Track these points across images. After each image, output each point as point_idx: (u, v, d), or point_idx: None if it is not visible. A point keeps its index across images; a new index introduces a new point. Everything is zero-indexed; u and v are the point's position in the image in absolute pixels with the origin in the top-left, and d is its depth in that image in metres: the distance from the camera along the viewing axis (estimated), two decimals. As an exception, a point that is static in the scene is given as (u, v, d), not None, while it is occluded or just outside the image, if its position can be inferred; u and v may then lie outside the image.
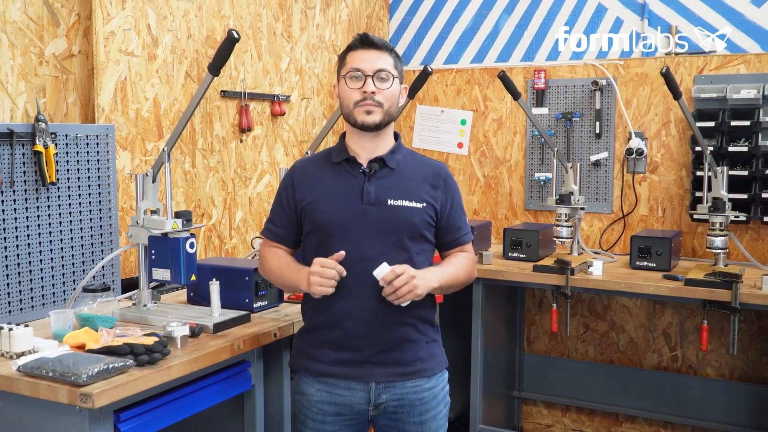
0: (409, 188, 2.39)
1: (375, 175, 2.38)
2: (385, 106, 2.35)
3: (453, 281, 2.41)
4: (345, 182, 2.38)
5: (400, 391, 2.37)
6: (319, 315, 2.38)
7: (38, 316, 2.76)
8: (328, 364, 2.36)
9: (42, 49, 2.92)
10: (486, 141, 4.76)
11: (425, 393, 2.40)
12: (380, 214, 2.33)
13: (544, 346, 4.72)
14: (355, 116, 2.36)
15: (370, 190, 2.35)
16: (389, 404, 2.36)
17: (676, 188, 4.28)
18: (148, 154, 3.29)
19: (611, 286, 3.65)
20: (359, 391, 2.35)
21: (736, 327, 3.41)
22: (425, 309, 2.42)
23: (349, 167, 2.40)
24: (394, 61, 2.39)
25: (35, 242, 2.78)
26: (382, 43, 2.38)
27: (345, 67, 2.38)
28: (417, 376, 2.39)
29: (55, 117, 2.98)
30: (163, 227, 2.62)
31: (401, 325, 2.35)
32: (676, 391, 4.33)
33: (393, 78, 2.36)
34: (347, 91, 2.36)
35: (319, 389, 2.38)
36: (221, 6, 3.66)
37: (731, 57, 4.10)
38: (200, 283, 2.79)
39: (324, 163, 2.46)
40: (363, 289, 2.28)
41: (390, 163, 2.40)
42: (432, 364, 2.43)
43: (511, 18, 4.73)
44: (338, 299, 2.30)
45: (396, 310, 2.30)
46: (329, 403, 2.37)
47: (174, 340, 2.35)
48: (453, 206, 2.46)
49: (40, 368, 2.05)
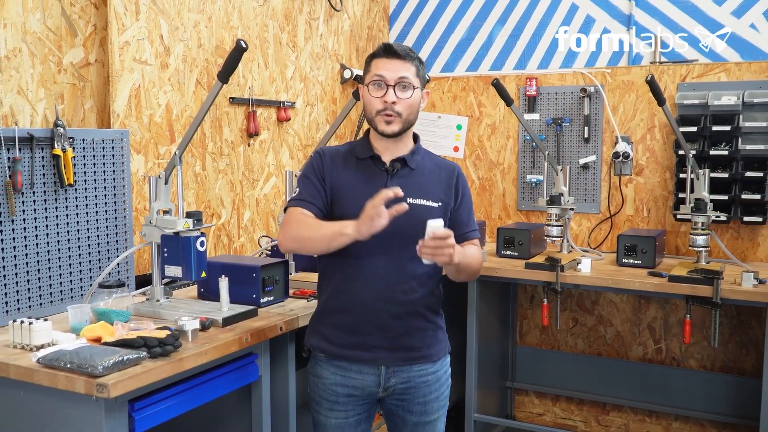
0: (427, 188, 2.41)
1: (397, 174, 2.39)
2: (404, 115, 2.35)
3: (468, 263, 2.34)
4: (370, 178, 2.39)
5: (407, 375, 2.41)
6: (335, 300, 2.40)
7: (57, 310, 2.76)
8: (342, 347, 2.39)
9: (60, 58, 2.92)
10: (480, 145, 4.76)
11: (430, 376, 2.44)
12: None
13: (535, 339, 4.72)
14: (376, 124, 2.37)
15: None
16: (397, 387, 2.41)
17: (661, 190, 4.28)
18: (161, 157, 3.29)
19: (599, 282, 3.65)
20: (370, 375, 2.39)
21: (717, 321, 3.41)
22: (434, 299, 2.45)
23: (373, 164, 2.42)
24: (416, 69, 2.37)
25: (54, 241, 2.78)
26: (405, 53, 2.35)
27: (369, 74, 2.38)
28: (423, 360, 2.43)
29: (73, 122, 2.98)
30: (175, 227, 2.61)
31: (412, 315, 2.38)
32: (661, 382, 4.32)
33: (414, 88, 2.35)
34: (370, 98, 2.36)
35: (333, 372, 2.42)
36: (230, 17, 3.66)
37: (713, 65, 4.09)
38: (210, 280, 2.78)
39: (349, 156, 2.45)
40: (380, 278, 2.30)
41: (410, 163, 2.42)
42: (437, 350, 2.47)
43: (504, 28, 4.72)
44: (355, 288, 2.32)
45: (408, 301, 2.32)
46: (342, 385, 2.41)
47: (185, 333, 2.35)
48: (462, 204, 2.47)
49: (58, 360, 2.05)
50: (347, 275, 2.37)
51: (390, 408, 2.48)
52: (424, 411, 2.46)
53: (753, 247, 4.05)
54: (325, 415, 2.45)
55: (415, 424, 2.47)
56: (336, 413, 2.44)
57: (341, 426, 2.44)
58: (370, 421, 2.52)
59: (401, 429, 2.50)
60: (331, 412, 2.44)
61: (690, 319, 3.54)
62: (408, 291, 2.36)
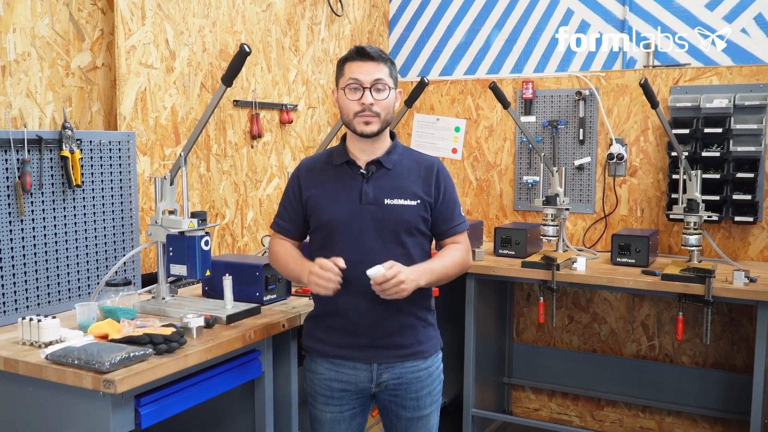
0: (404, 187, 2.39)
1: (372, 177, 2.39)
2: (382, 115, 2.35)
3: (441, 276, 2.39)
4: (346, 183, 2.40)
5: (399, 371, 2.42)
6: (326, 304, 2.40)
7: (65, 308, 2.76)
8: (335, 347, 2.42)
9: (68, 61, 2.92)
10: (478, 147, 4.76)
11: (421, 372, 2.45)
12: (378, 213, 2.35)
13: (531, 336, 4.72)
14: (355, 126, 2.36)
15: (368, 191, 2.36)
16: (390, 382, 2.42)
17: (654, 190, 4.28)
18: (166, 158, 3.29)
19: (594, 280, 3.66)
20: (363, 371, 2.41)
21: (708, 318, 3.41)
22: (423, 298, 2.45)
23: (349, 169, 2.41)
24: (389, 69, 2.37)
25: (62, 240, 2.78)
26: (378, 54, 2.35)
27: (343, 78, 2.37)
28: (415, 357, 2.43)
29: (80, 124, 2.98)
30: (180, 226, 2.62)
31: (402, 314, 2.39)
32: (654, 378, 4.33)
33: (389, 89, 2.36)
34: (347, 102, 2.35)
35: (327, 368, 2.44)
36: (234, 22, 3.66)
37: (704, 69, 4.09)
38: (214, 278, 2.79)
39: (327, 164, 2.46)
40: (366, 282, 2.29)
41: (386, 164, 2.41)
42: (428, 347, 2.47)
43: (501, 33, 4.73)
44: (343, 293, 2.32)
45: (396, 301, 2.31)
46: (336, 380, 2.43)
47: (190, 330, 2.35)
48: (444, 198, 2.44)
49: (66, 356, 2.06)
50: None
51: (384, 403, 2.49)
52: (417, 406, 2.46)
53: (744, 247, 4.05)
54: (320, 409, 2.47)
55: (408, 420, 2.47)
56: (331, 407, 2.45)
57: (336, 420, 2.46)
58: (364, 415, 2.53)
59: (395, 424, 2.51)
60: (327, 407, 2.46)
61: (682, 317, 3.54)
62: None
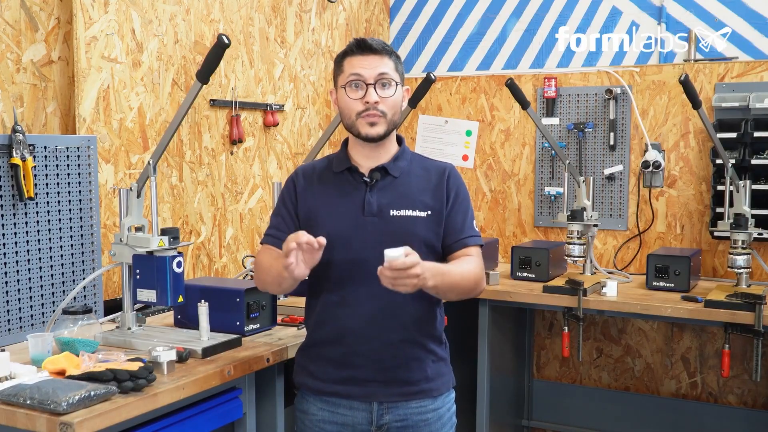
0: (413, 197, 2.39)
1: (377, 185, 2.39)
2: (388, 116, 2.35)
3: (453, 285, 2.29)
4: (346, 193, 2.40)
5: (403, 412, 2.39)
6: (320, 330, 2.40)
7: (15, 340, 2.76)
8: (330, 382, 2.40)
9: (19, 55, 2.94)
10: (493, 153, 4.78)
11: (430, 414, 2.42)
12: (382, 226, 2.34)
13: (554, 372, 4.72)
14: (358, 128, 2.36)
15: (371, 201, 2.36)
16: (392, 425, 2.40)
17: (696, 204, 4.30)
18: (133, 167, 3.31)
19: (626, 308, 3.66)
20: (361, 411, 2.39)
21: (759, 352, 3.42)
22: (433, 324, 2.44)
23: (351, 177, 2.42)
24: (395, 63, 2.38)
25: (12, 261, 2.78)
26: (381, 47, 2.36)
27: (343, 75, 2.37)
28: (422, 396, 2.41)
29: (34, 128, 3.00)
30: (149, 245, 2.63)
31: (407, 343, 2.37)
32: (696, 420, 4.33)
33: (396, 85, 2.37)
34: (348, 101, 2.36)
35: (320, 408, 2.42)
36: (210, 9, 3.69)
37: (754, 63, 4.12)
38: (188, 305, 2.79)
39: (326, 172, 2.47)
40: (366, 303, 2.30)
41: (392, 171, 2.41)
42: (438, 384, 2.45)
43: (519, 22, 4.75)
44: (341, 314, 2.32)
45: (402, 327, 2.31)
46: (331, 422, 2.41)
47: (160, 365, 2.35)
48: (455, 205, 2.42)
49: (17, 395, 2.05)
50: (331, 302, 2.38)
51: None
52: None
53: (800, 269, 4.07)
54: None
55: None
56: None
57: None
58: None
59: None
60: None
61: (729, 350, 3.54)
62: (400, 315, 2.34)
